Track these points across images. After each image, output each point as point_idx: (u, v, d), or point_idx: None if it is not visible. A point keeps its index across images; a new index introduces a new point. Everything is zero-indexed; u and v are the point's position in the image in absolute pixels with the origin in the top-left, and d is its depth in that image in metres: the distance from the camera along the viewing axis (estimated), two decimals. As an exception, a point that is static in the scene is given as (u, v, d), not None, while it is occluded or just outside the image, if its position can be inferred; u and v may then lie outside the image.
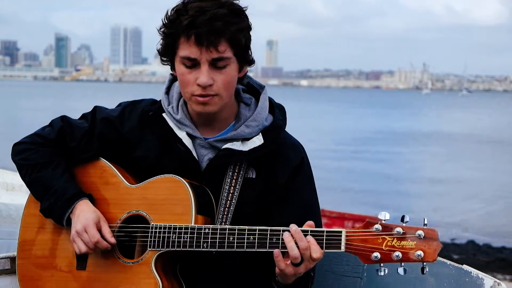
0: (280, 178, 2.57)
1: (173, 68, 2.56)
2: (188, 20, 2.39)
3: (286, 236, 2.33)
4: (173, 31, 2.44)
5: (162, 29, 2.50)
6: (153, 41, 2.59)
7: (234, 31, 2.42)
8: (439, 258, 2.70)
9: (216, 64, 2.44)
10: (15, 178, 4.18)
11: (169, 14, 2.47)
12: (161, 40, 2.52)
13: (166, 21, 2.47)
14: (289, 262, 2.33)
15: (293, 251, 2.31)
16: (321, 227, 2.56)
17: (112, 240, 2.52)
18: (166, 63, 2.58)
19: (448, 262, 2.68)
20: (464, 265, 2.67)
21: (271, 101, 2.68)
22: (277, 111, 2.66)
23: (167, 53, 2.52)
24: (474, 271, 2.63)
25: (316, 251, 2.30)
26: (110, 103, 2.83)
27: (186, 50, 2.43)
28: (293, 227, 2.33)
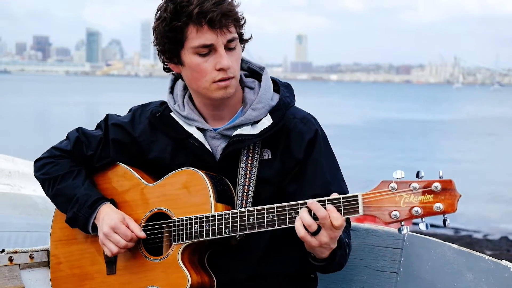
0: (297, 155, 2.54)
1: (179, 63, 2.51)
2: (197, 7, 2.37)
3: (303, 209, 2.29)
4: (181, 23, 2.41)
5: (164, 26, 2.44)
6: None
7: (237, 10, 2.45)
8: (476, 253, 2.67)
9: (228, 46, 2.45)
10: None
11: (169, 10, 2.42)
12: (161, 40, 2.47)
13: (169, 15, 2.42)
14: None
15: (305, 219, 2.27)
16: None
17: (142, 234, 2.53)
18: (169, 62, 2.54)
19: (486, 257, 2.65)
20: (503, 260, 2.64)
21: (275, 81, 2.66)
22: (283, 88, 2.64)
23: (173, 49, 2.48)
24: (513, 267, 2.60)
25: (337, 219, 2.25)
26: (142, 98, 2.86)
27: (201, 38, 2.41)
28: (309, 200, 2.29)
